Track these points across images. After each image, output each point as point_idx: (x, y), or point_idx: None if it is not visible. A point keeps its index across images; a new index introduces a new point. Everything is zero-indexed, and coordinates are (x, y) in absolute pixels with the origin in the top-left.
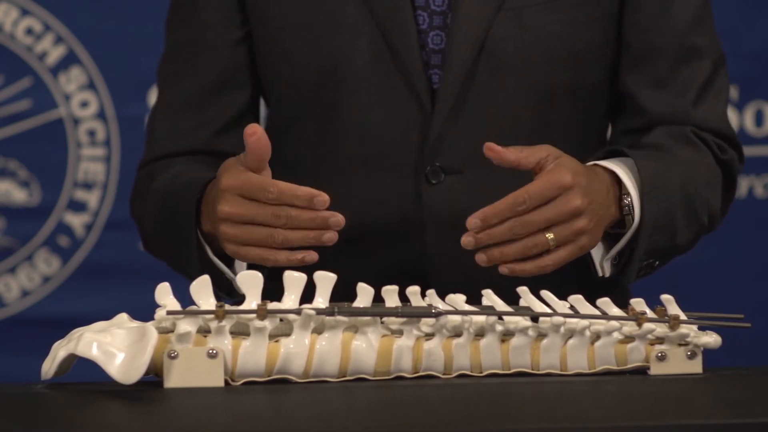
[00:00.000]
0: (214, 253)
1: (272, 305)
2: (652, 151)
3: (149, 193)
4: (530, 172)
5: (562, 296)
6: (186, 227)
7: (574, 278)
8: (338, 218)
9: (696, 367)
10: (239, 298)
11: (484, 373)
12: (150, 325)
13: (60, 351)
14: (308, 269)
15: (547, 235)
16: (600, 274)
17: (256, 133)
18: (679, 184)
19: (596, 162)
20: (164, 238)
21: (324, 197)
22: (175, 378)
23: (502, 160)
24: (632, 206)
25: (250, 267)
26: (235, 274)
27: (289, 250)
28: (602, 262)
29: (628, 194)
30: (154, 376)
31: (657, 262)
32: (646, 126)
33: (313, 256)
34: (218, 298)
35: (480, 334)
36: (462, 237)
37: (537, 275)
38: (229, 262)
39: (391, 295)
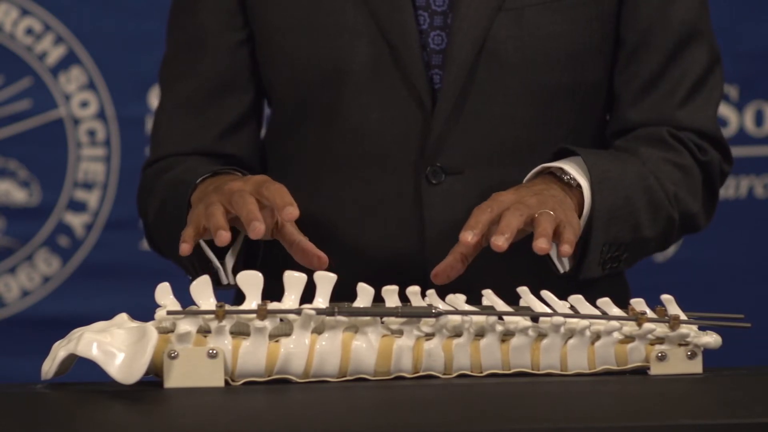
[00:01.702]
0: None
1: (272, 305)
2: (611, 151)
3: (157, 185)
4: (530, 163)
5: (562, 296)
6: (179, 208)
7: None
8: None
9: (696, 367)
10: (224, 289)
11: (484, 373)
12: (150, 325)
13: (60, 351)
14: (308, 269)
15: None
16: (561, 271)
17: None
18: (636, 176)
19: (544, 164)
20: (162, 226)
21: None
22: (175, 378)
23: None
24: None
25: (247, 262)
26: (223, 265)
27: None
28: (558, 256)
29: (579, 186)
30: (154, 376)
31: (625, 254)
32: (628, 126)
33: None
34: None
35: (480, 334)
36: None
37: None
38: (220, 254)
39: (391, 295)
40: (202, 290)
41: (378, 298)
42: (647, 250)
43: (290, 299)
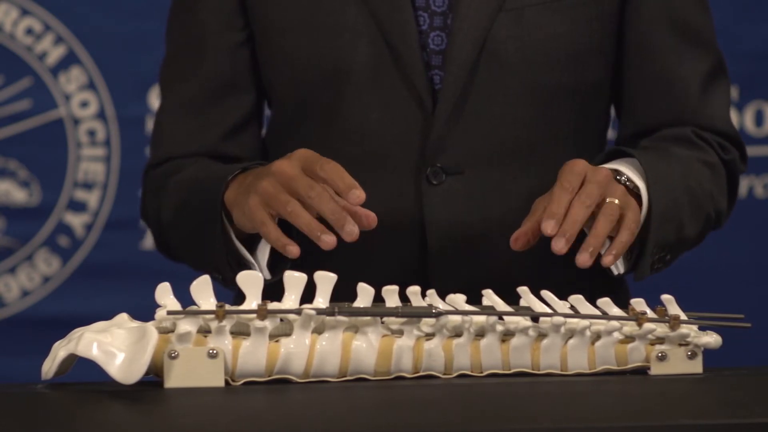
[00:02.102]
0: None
1: (272, 305)
2: (650, 149)
3: (169, 186)
4: (530, 180)
5: (562, 296)
6: (211, 206)
7: (574, 278)
8: (371, 218)
9: (696, 367)
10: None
11: (484, 373)
12: (150, 325)
13: (60, 351)
14: (308, 269)
15: (608, 200)
16: (615, 273)
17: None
18: (680, 177)
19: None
20: (183, 227)
21: (360, 194)
22: (175, 378)
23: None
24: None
25: (273, 253)
26: (255, 258)
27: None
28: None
29: (636, 187)
30: (154, 376)
31: (668, 256)
32: (647, 127)
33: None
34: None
35: (480, 334)
36: (552, 244)
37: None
38: (251, 247)
39: (391, 295)
40: (202, 290)
41: (378, 298)
42: (685, 249)
43: (290, 299)
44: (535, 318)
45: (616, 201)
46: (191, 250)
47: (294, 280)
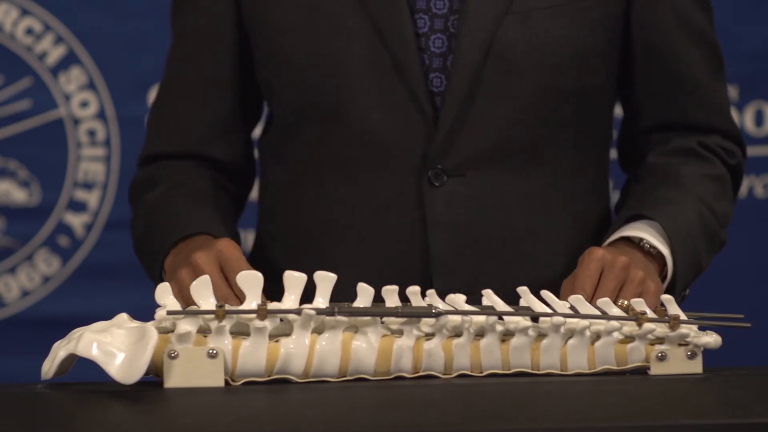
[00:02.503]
0: None
1: (272, 305)
2: (663, 183)
3: (141, 204)
4: (532, 182)
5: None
6: (155, 259)
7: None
8: None
9: (696, 367)
10: None
11: (484, 373)
12: (150, 325)
13: (60, 351)
14: (308, 269)
15: (619, 302)
16: None
17: None
18: (696, 215)
19: (618, 232)
20: (143, 252)
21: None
22: (175, 378)
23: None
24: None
25: None
26: None
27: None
28: None
29: (660, 252)
30: (154, 376)
31: (687, 290)
32: (654, 124)
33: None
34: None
35: (480, 334)
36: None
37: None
38: None
39: (391, 295)
40: (202, 290)
41: (378, 298)
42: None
43: (290, 299)
44: (535, 318)
45: (622, 302)
46: (144, 266)
47: (294, 280)
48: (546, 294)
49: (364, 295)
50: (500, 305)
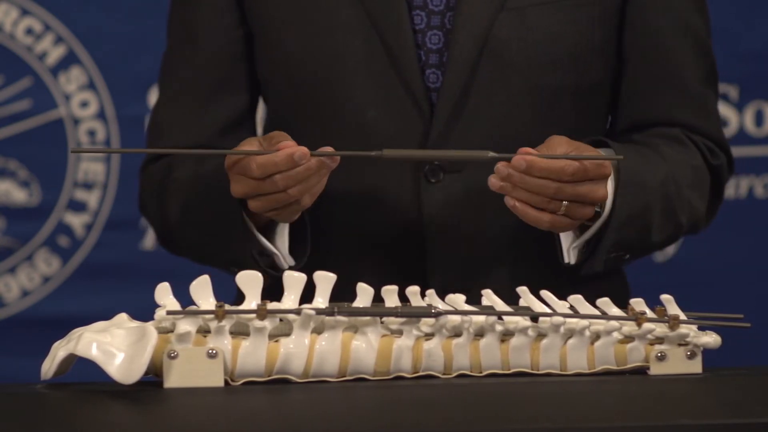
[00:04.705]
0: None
1: (272, 305)
2: (638, 146)
3: (171, 183)
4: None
5: (562, 296)
6: (227, 205)
7: (571, 279)
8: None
9: (696, 367)
10: (280, 274)
11: (484, 373)
12: (150, 325)
13: (60, 351)
14: (308, 269)
15: (563, 203)
16: (566, 261)
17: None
18: (659, 183)
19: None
20: (196, 223)
21: (303, 152)
22: (175, 378)
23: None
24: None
25: (292, 244)
26: (276, 247)
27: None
28: (569, 248)
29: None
30: (153, 376)
31: (628, 255)
32: (642, 123)
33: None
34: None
35: (480, 334)
36: (490, 177)
37: (524, 230)
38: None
39: (390, 295)
40: (202, 290)
41: (378, 298)
42: (648, 253)
43: (290, 299)
44: (535, 318)
45: (565, 205)
46: (206, 245)
47: (293, 280)
48: (545, 294)
49: (364, 295)
50: (500, 305)
